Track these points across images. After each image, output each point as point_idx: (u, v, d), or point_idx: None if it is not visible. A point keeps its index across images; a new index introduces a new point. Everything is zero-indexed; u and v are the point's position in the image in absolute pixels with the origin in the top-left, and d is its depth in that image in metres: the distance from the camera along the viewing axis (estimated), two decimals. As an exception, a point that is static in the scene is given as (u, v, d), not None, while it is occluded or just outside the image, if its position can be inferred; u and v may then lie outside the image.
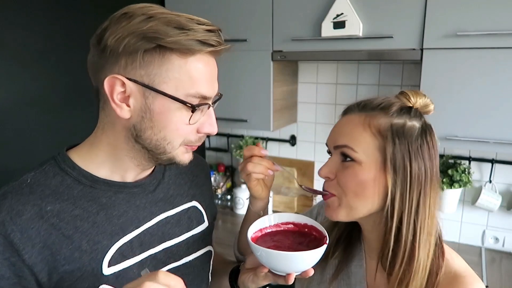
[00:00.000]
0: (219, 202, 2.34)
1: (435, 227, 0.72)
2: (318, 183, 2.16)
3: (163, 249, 0.76)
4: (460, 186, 1.69)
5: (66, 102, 1.58)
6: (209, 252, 0.88)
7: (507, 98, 1.36)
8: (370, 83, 1.92)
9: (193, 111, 0.65)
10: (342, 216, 0.74)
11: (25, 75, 1.44)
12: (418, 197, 0.69)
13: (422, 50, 1.45)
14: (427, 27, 1.43)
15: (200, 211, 0.87)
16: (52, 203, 0.65)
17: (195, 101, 0.65)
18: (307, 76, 2.07)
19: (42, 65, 1.49)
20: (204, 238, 0.86)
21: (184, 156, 0.70)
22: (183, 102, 0.64)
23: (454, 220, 1.86)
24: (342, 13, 1.53)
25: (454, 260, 0.73)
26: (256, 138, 2.21)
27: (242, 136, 2.26)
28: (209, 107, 0.68)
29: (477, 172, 1.78)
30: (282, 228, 0.80)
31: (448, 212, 1.77)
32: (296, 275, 0.70)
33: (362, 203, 0.72)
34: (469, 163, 1.76)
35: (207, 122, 0.69)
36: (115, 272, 0.69)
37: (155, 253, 0.75)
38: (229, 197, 2.33)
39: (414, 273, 0.69)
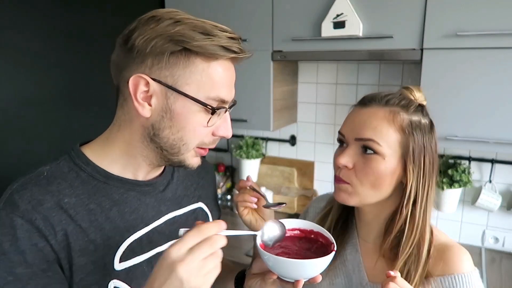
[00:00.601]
0: (219, 202, 2.34)
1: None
2: (318, 183, 2.17)
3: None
4: (460, 186, 1.69)
5: (66, 102, 1.58)
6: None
7: (507, 98, 1.36)
8: (370, 83, 1.92)
9: (212, 114, 0.67)
10: (354, 202, 0.79)
11: (25, 75, 1.44)
12: (429, 186, 0.78)
13: (422, 50, 1.45)
14: (427, 27, 1.43)
15: (206, 212, 0.89)
16: (69, 196, 0.67)
17: (214, 104, 0.67)
18: (307, 76, 2.07)
19: (42, 65, 1.49)
20: None
21: (193, 160, 0.73)
22: (204, 104, 0.66)
23: (454, 220, 1.86)
24: (342, 13, 1.53)
25: (441, 235, 0.83)
26: (256, 138, 2.21)
27: (242, 136, 2.26)
28: (225, 111, 0.70)
29: (477, 172, 1.78)
30: (289, 235, 0.80)
31: (448, 212, 1.77)
32: (304, 281, 0.71)
33: (376, 193, 0.78)
34: (469, 163, 1.76)
35: (223, 126, 0.71)
36: (125, 268, 0.70)
37: (162, 251, 0.75)
38: (229, 197, 2.33)
39: (421, 252, 0.77)
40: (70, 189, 0.68)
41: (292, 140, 2.18)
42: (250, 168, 2.16)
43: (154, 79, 0.65)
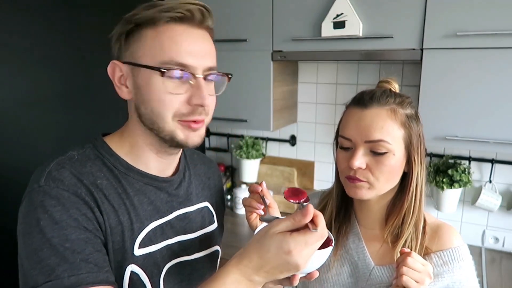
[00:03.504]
0: (219, 202, 2.34)
1: None
2: (318, 183, 2.17)
3: (177, 242, 0.80)
4: (460, 186, 1.69)
5: (66, 102, 1.58)
6: (217, 252, 0.91)
7: (507, 98, 1.36)
8: (370, 83, 1.92)
9: (162, 75, 0.67)
10: (370, 196, 0.86)
11: (25, 75, 1.44)
12: (423, 171, 0.88)
13: (422, 50, 1.45)
14: (427, 27, 1.43)
15: (211, 212, 0.91)
16: (101, 178, 0.70)
17: (173, 69, 0.67)
18: (307, 76, 2.07)
19: (42, 65, 1.49)
20: (213, 238, 0.90)
21: (186, 135, 0.71)
22: (157, 69, 0.67)
23: (454, 220, 1.86)
24: (342, 13, 1.53)
25: (430, 216, 0.93)
26: (256, 138, 2.21)
27: (242, 136, 2.26)
28: (195, 78, 0.69)
29: (477, 172, 1.78)
30: None
31: (448, 212, 1.77)
32: (300, 277, 0.71)
33: (389, 185, 0.86)
34: (469, 163, 1.76)
35: (196, 93, 0.69)
36: (143, 254, 0.73)
37: (171, 244, 0.78)
38: (229, 197, 2.33)
39: (418, 231, 0.87)
40: (101, 172, 0.71)
41: (292, 140, 2.18)
42: (250, 168, 2.16)
43: (122, 62, 0.71)
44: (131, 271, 0.71)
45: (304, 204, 0.69)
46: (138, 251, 0.72)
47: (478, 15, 1.35)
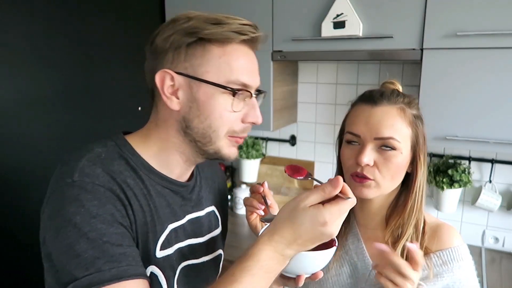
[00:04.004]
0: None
1: None
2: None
3: (187, 245, 0.80)
4: (460, 186, 1.69)
5: (66, 102, 1.58)
6: (220, 255, 0.92)
7: (507, 98, 1.36)
8: (370, 83, 1.92)
9: (234, 95, 0.69)
10: (376, 195, 0.86)
11: (25, 75, 1.44)
12: (426, 171, 0.89)
13: (422, 50, 1.45)
14: (427, 27, 1.42)
15: (217, 215, 0.92)
16: (129, 177, 0.70)
17: (235, 88, 0.70)
18: (307, 76, 2.07)
19: (42, 66, 1.49)
20: (218, 242, 0.91)
21: (230, 150, 0.74)
22: (224, 87, 0.69)
23: (454, 220, 1.86)
24: (342, 13, 1.53)
25: (430, 216, 0.93)
26: (256, 138, 2.21)
27: (242, 136, 2.26)
28: (251, 97, 0.73)
29: (477, 172, 1.78)
30: None
31: (448, 212, 1.76)
32: (306, 277, 0.71)
33: (394, 184, 0.87)
34: (469, 163, 1.76)
35: (251, 112, 0.73)
36: (162, 256, 0.73)
37: (181, 247, 0.79)
38: (229, 197, 2.33)
39: (418, 231, 0.87)
40: (127, 171, 0.70)
41: (292, 140, 2.18)
42: (250, 168, 2.16)
43: (177, 72, 0.70)
44: (151, 272, 0.71)
45: (310, 178, 0.73)
46: (159, 253, 0.72)
47: (478, 15, 1.35)
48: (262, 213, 0.85)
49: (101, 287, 0.58)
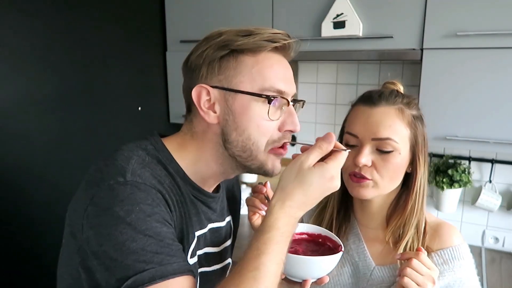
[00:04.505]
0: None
1: None
2: (318, 183, 2.16)
3: (204, 253, 0.80)
4: (460, 186, 1.69)
5: (66, 102, 1.58)
6: (229, 264, 0.92)
7: (507, 98, 1.36)
8: (370, 83, 1.92)
9: (269, 102, 0.68)
10: (373, 195, 0.86)
11: (25, 75, 1.44)
12: (426, 172, 0.88)
13: (422, 50, 1.45)
14: (427, 27, 1.43)
15: (231, 226, 0.92)
16: (168, 184, 0.69)
17: (276, 96, 0.69)
18: (307, 76, 2.07)
19: (42, 65, 1.49)
20: (229, 251, 0.91)
21: (274, 165, 0.73)
22: (259, 95, 0.68)
23: (454, 220, 1.86)
24: (342, 13, 1.53)
25: (430, 215, 0.93)
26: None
27: (242, 136, 2.26)
28: (288, 104, 0.72)
29: (477, 172, 1.78)
30: (296, 238, 0.81)
31: (448, 212, 1.76)
32: (312, 282, 0.71)
33: (392, 185, 0.86)
34: (469, 163, 1.76)
35: (289, 120, 0.72)
36: (192, 264, 0.73)
37: (199, 254, 0.78)
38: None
39: (420, 230, 0.87)
40: (166, 177, 0.70)
41: (292, 140, 2.18)
42: (250, 168, 2.15)
43: (212, 86, 0.70)
44: None
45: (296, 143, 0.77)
46: (190, 260, 0.72)
47: (478, 15, 1.35)
48: (264, 214, 0.85)
49: (163, 280, 0.58)
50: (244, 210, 0.98)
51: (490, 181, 1.74)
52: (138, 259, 0.59)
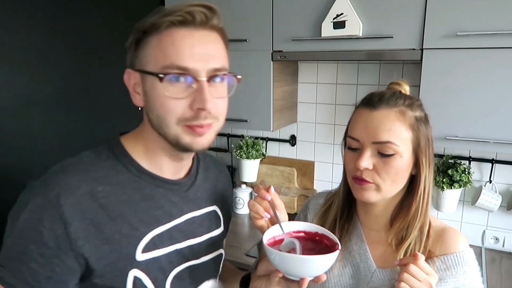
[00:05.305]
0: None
1: None
2: (318, 183, 2.17)
3: (187, 246, 0.80)
4: (460, 186, 1.69)
5: (66, 102, 1.58)
6: (221, 254, 0.91)
7: (507, 98, 1.36)
8: (370, 83, 1.92)
9: (161, 81, 0.67)
10: (376, 199, 0.85)
11: (25, 75, 1.44)
12: (431, 174, 0.87)
13: (422, 50, 1.45)
14: (427, 27, 1.43)
15: (219, 215, 0.91)
16: (104, 185, 0.70)
17: (170, 74, 0.67)
18: (307, 76, 2.07)
19: (42, 65, 1.49)
20: (219, 241, 0.90)
21: (191, 139, 0.71)
22: (155, 74, 0.67)
23: (454, 220, 1.86)
24: (342, 13, 1.53)
25: (434, 218, 0.91)
26: (256, 138, 2.21)
27: (242, 136, 2.26)
28: (198, 81, 0.68)
29: (477, 172, 1.78)
30: (294, 236, 0.81)
31: (448, 212, 1.77)
32: (309, 280, 0.71)
33: (396, 188, 0.85)
34: (469, 163, 1.76)
35: (198, 97, 0.68)
36: (146, 259, 0.73)
37: (180, 248, 0.78)
38: (229, 197, 2.33)
39: (423, 234, 0.85)
40: (106, 178, 0.71)
41: (292, 140, 2.18)
42: (250, 168, 2.16)
43: (133, 70, 0.72)
44: (134, 276, 0.71)
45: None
46: (140, 256, 0.72)
47: (478, 15, 1.35)
48: (268, 216, 0.83)
49: None
50: (244, 210, 0.97)
51: (490, 181, 1.74)
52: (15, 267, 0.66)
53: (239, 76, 0.76)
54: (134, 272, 0.71)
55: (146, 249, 0.73)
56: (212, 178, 0.91)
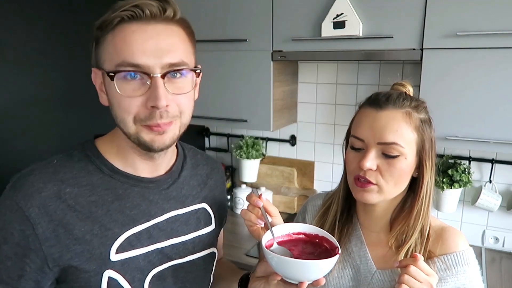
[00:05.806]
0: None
1: None
2: (318, 183, 2.17)
3: (170, 245, 0.78)
4: (460, 186, 1.69)
5: (66, 102, 1.58)
6: (213, 253, 0.89)
7: (507, 98, 1.36)
8: (370, 83, 1.92)
9: (111, 79, 0.65)
10: (377, 200, 0.84)
11: (25, 75, 1.44)
12: (433, 176, 0.87)
13: (422, 50, 1.45)
14: (427, 27, 1.43)
15: (209, 213, 0.89)
16: (72, 186, 0.70)
17: (120, 72, 0.66)
18: (307, 76, 2.07)
19: (42, 65, 1.49)
20: (209, 240, 0.88)
21: (149, 137, 0.69)
22: (107, 73, 0.66)
23: (454, 220, 1.86)
24: (342, 13, 1.53)
25: (435, 219, 0.92)
26: (256, 138, 2.21)
27: (242, 136, 2.26)
28: (151, 78, 0.65)
29: (477, 172, 1.78)
30: (294, 238, 0.81)
31: (448, 212, 1.77)
32: (308, 284, 0.71)
33: (398, 189, 0.85)
34: (469, 163, 1.76)
35: (151, 95, 0.65)
36: (121, 260, 0.72)
37: (162, 247, 0.77)
38: (229, 197, 2.33)
39: (424, 235, 0.86)
40: (75, 179, 0.70)
41: (292, 140, 2.18)
42: (250, 168, 2.16)
43: (97, 69, 0.71)
44: (109, 277, 0.70)
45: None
46: (115, 257, 0.71)
47: (478, 15, 1.35)
48: (262, 224, 0.82)
49: None
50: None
51: (490, 181, 1.74)
52: None
53: (198, 71, 0.71)
54: (108, 273, 0.70)
55: (121, 249, 0.71)
56: (202, 175, 0.89)
